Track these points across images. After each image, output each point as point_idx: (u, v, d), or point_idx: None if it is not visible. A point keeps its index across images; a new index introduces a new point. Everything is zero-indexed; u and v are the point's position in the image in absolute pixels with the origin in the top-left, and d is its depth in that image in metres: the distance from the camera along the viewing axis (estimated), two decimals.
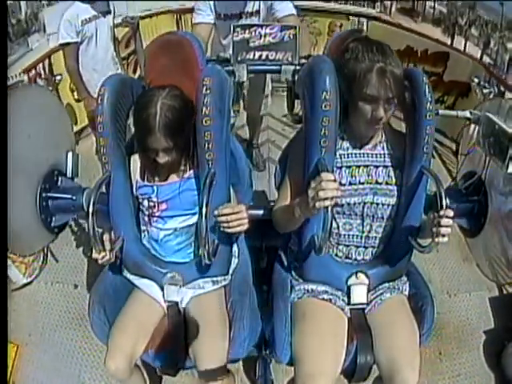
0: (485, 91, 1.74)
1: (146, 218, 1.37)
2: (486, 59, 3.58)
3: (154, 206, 1.34)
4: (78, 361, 2.02)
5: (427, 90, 1.21)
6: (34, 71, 3.29)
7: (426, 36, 3.73)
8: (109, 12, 2.81)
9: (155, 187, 1.33)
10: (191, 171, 1.33)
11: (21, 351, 2.00)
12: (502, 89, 2.96)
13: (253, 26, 1.58)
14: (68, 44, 2.67)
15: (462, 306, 2.29)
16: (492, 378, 1.99)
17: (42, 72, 3.39)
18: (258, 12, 2.19)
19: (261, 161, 2.98)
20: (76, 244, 2.48)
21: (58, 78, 3.21)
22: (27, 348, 2.04)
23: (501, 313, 2.22)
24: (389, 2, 4.19)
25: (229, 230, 1.22)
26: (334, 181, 1.06)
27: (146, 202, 1.34)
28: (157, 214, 1.35)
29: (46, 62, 3.32)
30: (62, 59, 2.77)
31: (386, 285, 1.37)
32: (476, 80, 1.94)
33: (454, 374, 2.01)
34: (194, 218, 1.33)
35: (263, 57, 1.56)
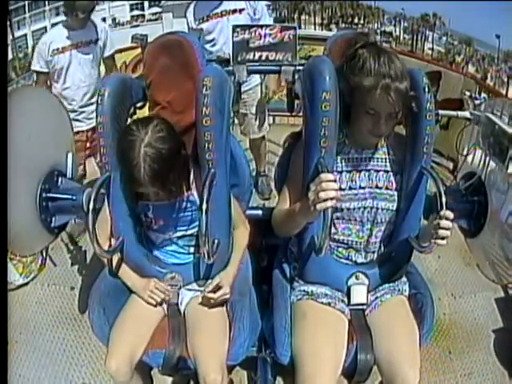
0: (476, 102, 1.77)
1: (145, 225, 1.37)
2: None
3: (151, 222, 1.34)
4: (67, 359, 2.01)
5: (427, 90, 1.21)
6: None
7: (418, 57, 3.76)
8: (92, 42, 2.46)
9: (151, 206, 1.32)
10: (188, 192, 1.32)
11: (9, 348, 1.99)
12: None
13: (252, 26, 1.59)
14: (39, 72, 2.44)
15: (468, 307, 2.29)
16: (506, 375, 1.99)
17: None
18: None
19: (267, 189, 2.96)
20: (74, 247, 2.48)
21: None
22: (16, 345, 2.04)
23: (508, 312, 2.23)
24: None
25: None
26: (334, 181, 1.06)
27: (142, 217, 1.35)
28: (155, 228, 1.35)
29: None
30: None
31: (386, 286, 1.37)
32: (468, 93, 1.97)
33: (465, 372, 2.01)
34: (193, 230, 1.34)
35: (263, 57, 1.56)
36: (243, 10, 2.44)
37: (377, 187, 1.29)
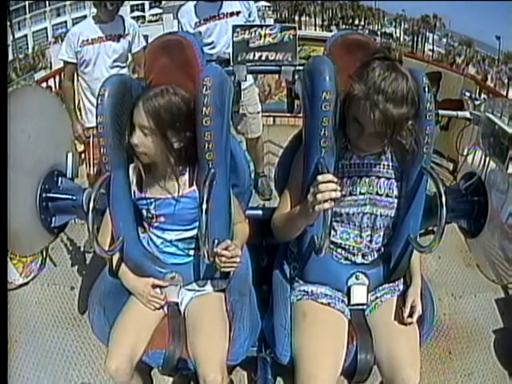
0: (476, 103, 1.77)
1: (146, 224, 1.37)
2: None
3: (152, 218, 1.34)
4: (66, 359, 2.01)
5: (427, 91, 1.21)
6: (45, 84, 3.31)
7: (418, 58, 3.76)
8: (121, 36, 2.50)
9: (153, 200, 1.32)
10: (190, 189, 1.32)
11: (9, 348, 1.99)
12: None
13: (252, 26, 1.59)
14: (67, 62, 2.51)
15: (468, 308, 2.29)
16: (506, 376, 1.99)
17: (53, 86, 3.37)
18: None
19: (267, 190, 2.97)
20: (74, 246, 2.48)
21: None
22: (16, 345, 2.04)
23: (508, 313, 2.22)
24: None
25: (224, 269, 1.27)
26: (333, 181, 1.06)
27: (144, 212, 1.35)
28: (155, 225, 1.35)
29: (58, 77, 3.32)
30: None
31: (386, 286, 1.37)
32: (467, 94, 1.96)
33: (466, 372, 2.01)
34: (192, 232, 1.34)
35: (263, 57, 1.56)
36: (240, 12, 2.51)
37: (377, 194, 1.29)
